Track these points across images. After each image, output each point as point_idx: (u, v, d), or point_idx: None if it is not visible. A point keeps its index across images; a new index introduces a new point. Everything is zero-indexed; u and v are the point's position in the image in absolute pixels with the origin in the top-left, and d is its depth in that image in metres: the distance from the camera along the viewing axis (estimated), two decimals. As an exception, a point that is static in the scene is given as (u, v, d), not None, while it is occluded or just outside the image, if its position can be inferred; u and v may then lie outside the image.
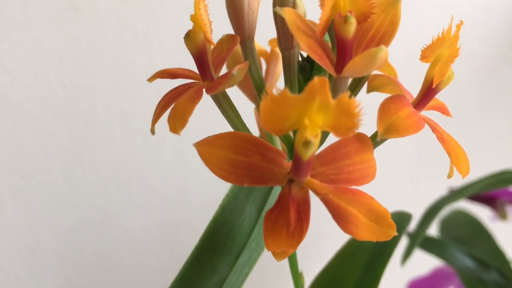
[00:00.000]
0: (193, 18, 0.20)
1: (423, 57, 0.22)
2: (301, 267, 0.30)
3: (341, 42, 0.20)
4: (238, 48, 0.28)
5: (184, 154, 0.60)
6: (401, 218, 0.34)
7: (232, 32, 0.24)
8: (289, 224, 0.19)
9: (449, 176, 0.22)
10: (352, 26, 0.19)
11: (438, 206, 0.42)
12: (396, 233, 0.19)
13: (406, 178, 0.75)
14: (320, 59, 0.20)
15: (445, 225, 0.57)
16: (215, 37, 0.25)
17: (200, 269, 0.27)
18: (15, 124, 0.53)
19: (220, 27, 0.26)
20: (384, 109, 0.20)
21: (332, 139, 0.20)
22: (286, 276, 0.30)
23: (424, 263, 0.58)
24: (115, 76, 0.56)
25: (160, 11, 0.56)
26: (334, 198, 0.19)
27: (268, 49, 0.29)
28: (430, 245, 0.47)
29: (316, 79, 0.17)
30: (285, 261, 0.29)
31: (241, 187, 0.29)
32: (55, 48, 0.53)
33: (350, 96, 0.17)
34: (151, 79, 0.24)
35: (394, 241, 0.32)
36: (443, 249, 0.46)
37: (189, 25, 0.22)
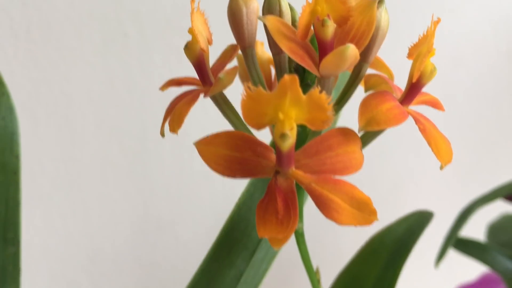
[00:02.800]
0: (190, 31, 0.23)
1: (410, 55, 0.23)
2: (322, 266, 0.31)
3: (321, 43, 0.21)
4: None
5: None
6: (422, 217, 0.34)
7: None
8: (277, 212, 0.21)
9: (441, 167, 0.23)
10: (329, 29, 0.21)
11: (472, 207, 0.42)
12: (377, 219, 0.21)
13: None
14: (302, 60, 0.21)
15: (493, 230, 0.56)
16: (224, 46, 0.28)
17: (219, 263, 0.29)
18: (73, 142, 0.58)
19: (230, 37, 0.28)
20: (365, 104, 0.22)
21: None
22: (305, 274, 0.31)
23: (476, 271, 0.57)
24: (163, 95, 0.60)
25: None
26: (317, 187, 0.21)
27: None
28: (470, 248, 0.46)
29: (286, 76, 0.18)
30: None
31: (256, 187, 0.31)
32: (107, 70, 0.57)
33: (320, 92, 0.19)
34: (163, 87, 0.26)
35: (413, 239, 0.33)
36: (484, 252, 0.46)
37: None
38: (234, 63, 0.28)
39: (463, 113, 0.71)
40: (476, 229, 0.58)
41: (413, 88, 0.23)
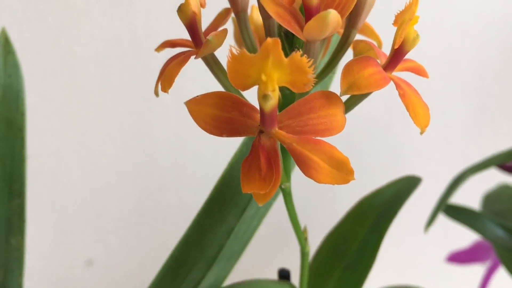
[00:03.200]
0: (183, -8, 0.24)
1: (395, 22, 0.24)
2: (314, 226, 0.33)
3: (307, 8, 0.22)
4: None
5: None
6: (410, 182, 0.36)
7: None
8: (260, 169, 0.22)
9: (421, 132, 0.24)
10: (315, -6, 0.22)
11: (464, 175, 0.43)
12: (354, 178, 0.22)
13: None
14: (288, 25, 0.22)
15: (488, 200, 0.57)
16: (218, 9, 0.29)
17: (211, 219, 0.31)
18: (81, 101, 0.59)
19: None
20: (348, 68, 0.22)
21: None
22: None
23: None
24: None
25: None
26: (297, 147, 0.22)
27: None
28: (462, 215, 0.47)
29: (269, 39, 0.19)
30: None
31: (248, 147, 0.32)
32: (113, 31, 0.58)
33: (302, 55, 0.20)
34: (158, 49, 0.27)
35: (400, 203, 0.34)
36: (475, 219, 0.47)
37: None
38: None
39: (467, 82, 0.71)
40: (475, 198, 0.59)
41: (396, 54, 0.23)
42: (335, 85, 0.32)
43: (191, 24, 0.24)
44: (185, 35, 0.32)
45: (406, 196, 0.35)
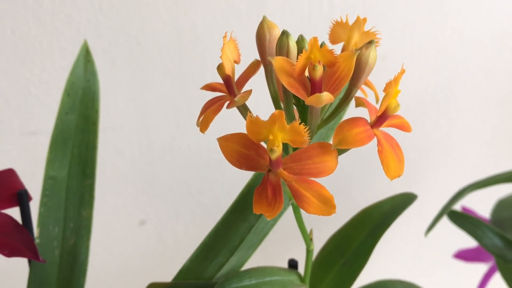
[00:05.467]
0: (222, 57, 0.31)
1: (385, 89, 0.30)
2: (320, 229, 0.40)
3: (312, 81, 0.29)
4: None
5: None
6: (406, 198, 0.42)
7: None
8: (267, 197, 0.30)
9: (390, 180, 0.30)
10: (318, 72, 0.29)
11: (465, 190, 0.49)
12: (335, 212, 0.29)
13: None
14: (297, 92, 0.29)
15: (500, 206, 0.62)
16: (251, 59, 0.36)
17: (235, 217, 0.39)
18: (144, 85, 0.68)
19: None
20: (340, 127, 0.29)
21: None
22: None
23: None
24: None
25: (259, -1, 0.66)
26: (295, 185, 0.29)
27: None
28: (463, 222, 0.53)
29: (276, 112, 0.27)
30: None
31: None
32: (175, 26, 0.66)
33: (300, 123, 0.27)
34: (203, 88, 0.35)
35: (395, 216, 0.41)
36: (476, 227, 0.53)
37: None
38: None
39: (503, 91, 0.75)
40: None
41: (381, 117, 0.30)
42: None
43: (226, 80, 0.32)
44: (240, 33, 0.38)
45: (401, 209, 0.41)
